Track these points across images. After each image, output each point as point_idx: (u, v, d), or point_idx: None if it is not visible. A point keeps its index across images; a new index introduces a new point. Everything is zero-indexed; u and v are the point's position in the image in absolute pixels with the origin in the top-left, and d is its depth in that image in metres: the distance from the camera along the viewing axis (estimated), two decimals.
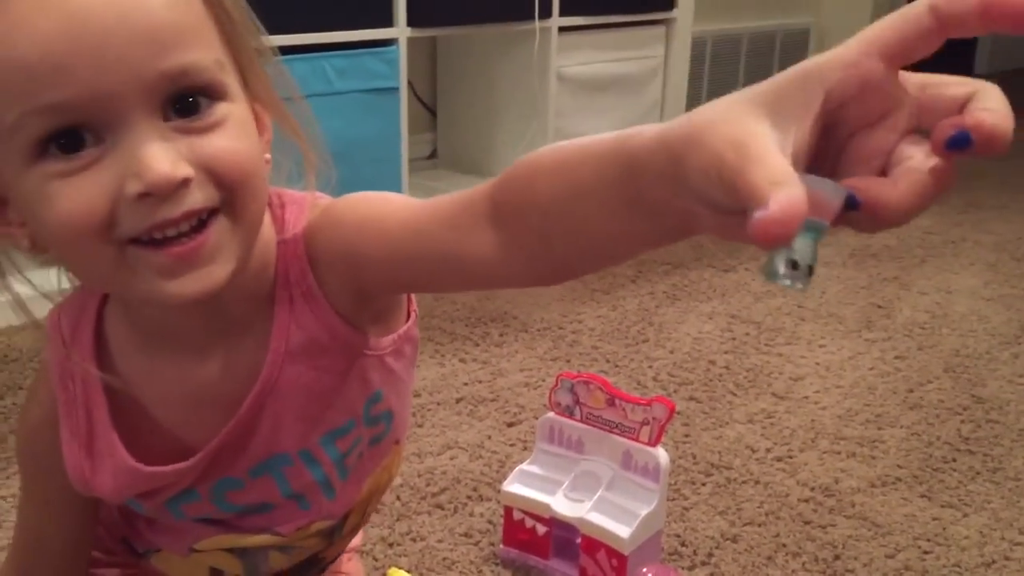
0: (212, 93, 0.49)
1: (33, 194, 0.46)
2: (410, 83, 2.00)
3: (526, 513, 1.04)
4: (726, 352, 1.57)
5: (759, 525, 1.12)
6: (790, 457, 1.27)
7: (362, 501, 0.71)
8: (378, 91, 1.89)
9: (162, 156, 0.45)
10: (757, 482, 1.21)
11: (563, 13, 2.13)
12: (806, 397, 1.43)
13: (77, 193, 0.46)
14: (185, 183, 0.47)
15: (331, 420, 0.63)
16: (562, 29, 2.15)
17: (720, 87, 3.11)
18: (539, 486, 1.05)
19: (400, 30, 1.89)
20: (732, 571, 1.05)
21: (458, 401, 1.40)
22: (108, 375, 0.59)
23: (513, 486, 1.05)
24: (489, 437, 1.31)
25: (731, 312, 1.73)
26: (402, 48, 1.90)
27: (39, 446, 0.64)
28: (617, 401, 1.02)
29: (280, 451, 0.63)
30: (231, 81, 0.50)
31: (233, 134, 0.49)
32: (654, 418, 1.00)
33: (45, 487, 0.66)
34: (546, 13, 2.10)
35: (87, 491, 0.63)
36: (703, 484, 1.21)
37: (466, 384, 1.45)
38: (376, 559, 1.05)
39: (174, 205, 0.47)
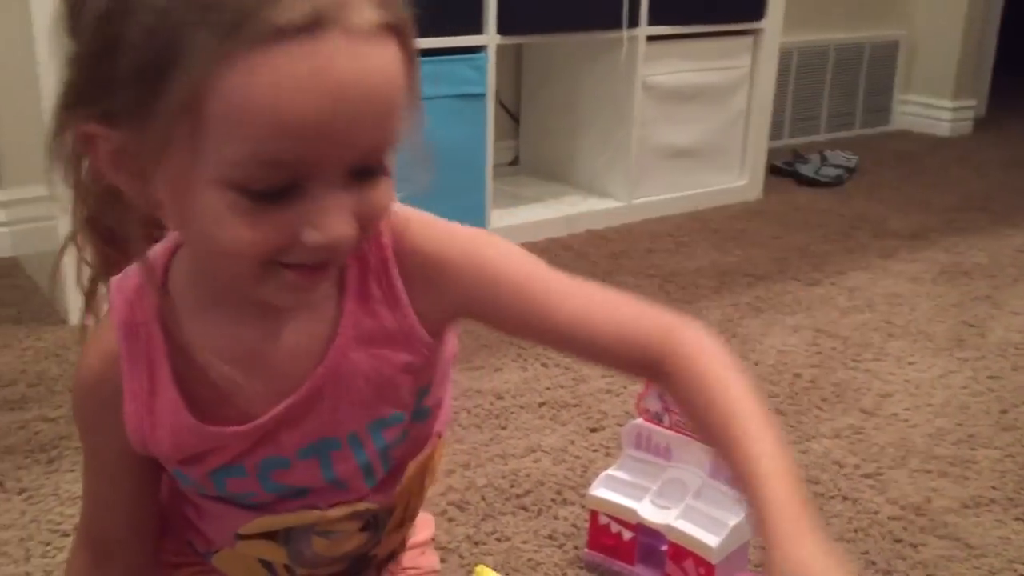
0: (386, 161, 0.54)
1: (208, 209, 0.50)
2: (496, 91, 2.02)
3: (612, 518, 1.05)
4: (812, 366, 1.55)
5: (848, 541, 1.11)
6: (879, 474, 1.25)
7: (403, 492, 0.70)
8: (466, 97, 1.91)
9: (342, 220, 0.51)
10: (845, 498, 1.19)
11: (651, 22, 2.12)
12: (895, 414, 1.40)
13: (253, 228, 0.50)
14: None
15: (383, 409, 0.65)
16: (650, 38, 2.14)
17: (805, 99, 3.07)
18: (626, 491, 1.05)
19: (490, 37, 1.90)
20: None
21: (541, 405, 1.41)
22: (172, 336, 0.61)
23: (599, 490, 1.06)
24: (572, 442, 1.31)
25: (817, 326, 1.71)
26: (491, 55, 1.92)
27: (92, 404, 0.65)
28: None
29: (331, 435, 0.64)
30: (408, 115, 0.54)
31: (387, 190, 0.55)
32: None
33: (100, 448, 0.67)
34: (634, 22, 2.10)
35: (143, 448, 0.64)
36: None
37: (548, 389, 1.45)
38: (462, 556, 1.06)
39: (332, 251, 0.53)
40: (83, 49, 0.51)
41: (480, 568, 0.98)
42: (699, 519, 1.00)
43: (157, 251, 0.63)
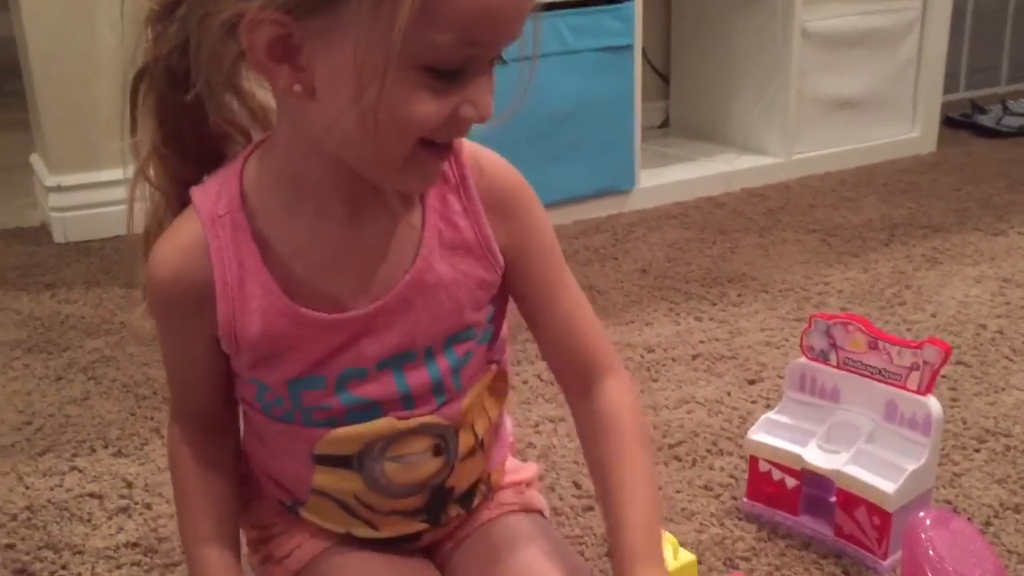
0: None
1: (400, 87, 0.55)
2: (643, 50, 1.94)
3: (774, 464, 0.96)
4: (999, 316, 1.41)
5: None
6: None
7: (467, 413, 0.70)
8: (613, 49, 1.84)
9: (489, 99, 0.58)
10: None
11: None
12: None
13: (434, 104, 0.56)
14: None
15: (459, 324, 0.67)
16: None
17: (984, 46, 2.83)
18: (789, 436, 0.97)
19: None
20: (1016, 542, 0.92)
21: (694, 358, 1.33)
22: (256, 229, 0.63)
23: (759, 435, 0.98)
24: (728, 393, 1.23)
25: (1003, 276, 1.55)
26: (638, 4, 1.84)
27: (172, 298, 0.64)
28: (881, 344, 0.92)
29: (409, 347, 0.65)
30: None
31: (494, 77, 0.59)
32: (925, 362, 0.89)
33: (180, 343, 0.67)
34: None
35: (229, 339, 0.64)
36: (976, 451, 1.08)
37: (702, 342, 1.38)
38: None
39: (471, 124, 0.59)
40: None
41: None
42: (873, 464, 0.90)
43: (231, 161, 0.65)
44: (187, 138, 0.64)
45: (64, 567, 0.94)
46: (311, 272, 0.63)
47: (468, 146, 0.67)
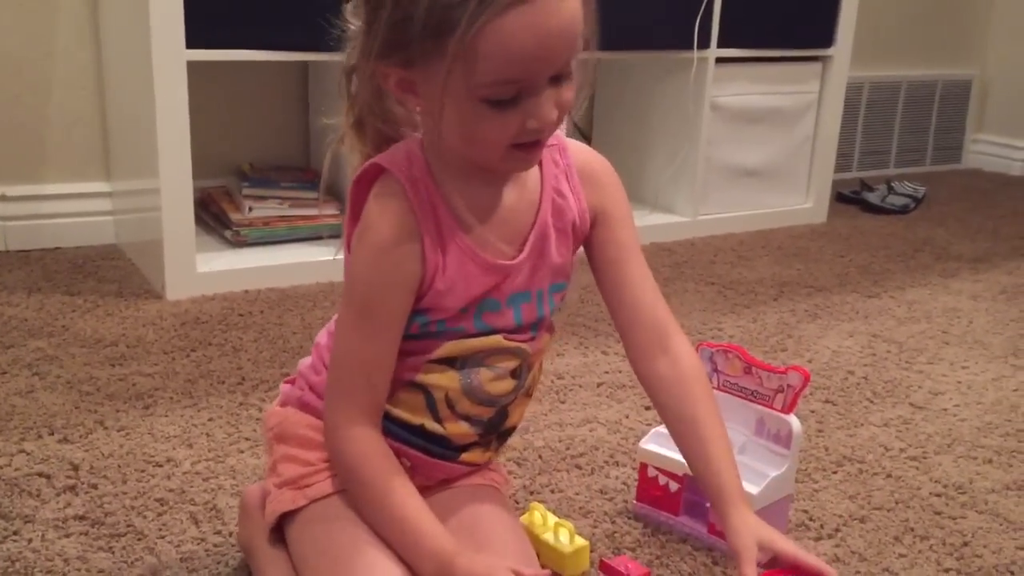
0: (571, 67, 0.77)
1: (469, 115, 0.76)
2: None
3: (660, 471, 1.11)
4: (865, 365, 1.60)
5: (888, 510, 1.15)
6: (924, 458, 1.29)
7: (538, 354, 0.92)
8: None
9: (549, 108, 0.76)
10: (889, 475, 1.24)
11: (721, 45, 2.21)
12: (945, 409, 1.44)
13: (500, 124, 0.76)
14: None
15: (560, 275, 0.89)
16: (719, 60, 2.23)
17: (875, 133, 3.11)
18: (674, 447, 1.11)
19: None
20: (858, 546, 1.08)
21: (599, 385, 1.48)
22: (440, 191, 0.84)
23: (649, 445, 1.12)
24: (627, 416, 1.38)
25: (873, 332, 1.75)
26: None
27: (390, 261, 0.81)
28: (754, 369, 1.08)
29: (529, 288, 0.87)
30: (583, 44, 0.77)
31: (572, 89, 0.78)
32: (789, 385, 1.05)
33: (382, 308, 0.82)
34: (704, 44, 2.19)
35: (428, 288, 0.82)
36: (834, 472, 1.24)
37: (607, 372, 1.53)
38: (517, 502, 1.14)
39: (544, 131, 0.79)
40: (388, 18, 0.74)
41: (534, 504, 1.05)
42: (743, 472, 1.05)
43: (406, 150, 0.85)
44: (367, 128, 0.86)
45: (16, 533, 1.02)
46: (477, 226, 0.84)
47: (571, 143, 0.90)
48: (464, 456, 0.91)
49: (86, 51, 1.96)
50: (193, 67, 1.68)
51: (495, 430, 0.93)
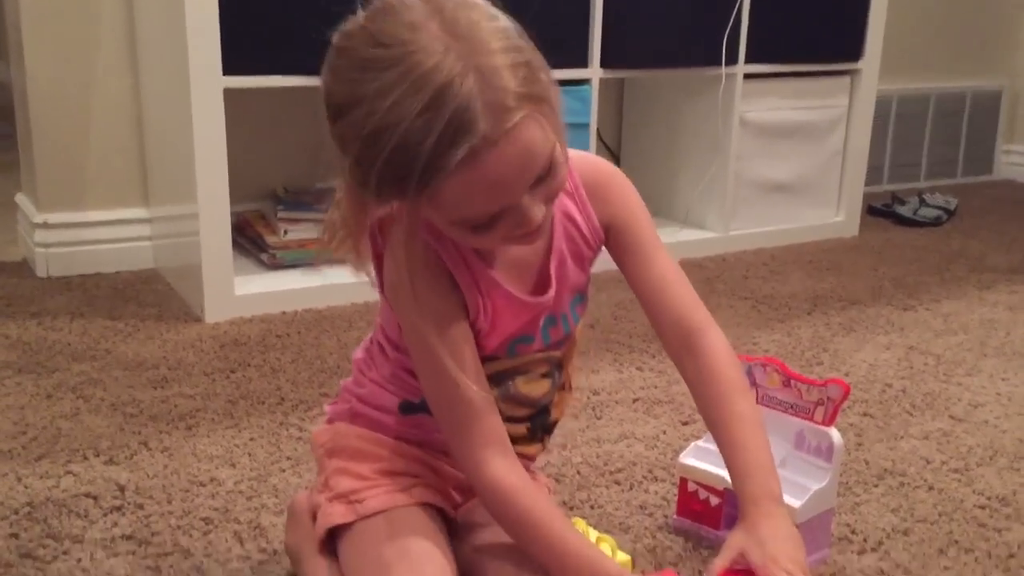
0: (554, 161, 0.75)
1: (451, 230, 0.78)
2: (597, 129, 2.13)
3: (700, 485, 1.11)
4: (903, 378, 1.59)
5: (931, 523, 1.14)
6: (967, 470, 1.28)
7: (567, 356, 0.95)
8: (571, 126, 2.02)
9: (533, 212, 0.75)
10: (931, 488, 1.23)
11: (749, 60, 2.22)
12: (986, 421, 1.43)
13: (487, 237, 0.77)
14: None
15: (578, 289, 0.92)
16: (748, 76, 2.24)
17: (905, 146, 3.10)
18: (714, 460, 1.11)
19: (594, 70, 2.03)
20: (903, 559, 1.07)
21: (635, 401, 1.48)
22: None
23: (689, 459, 1.13)
24: (664, 432, 1.38)
25: (909, 344, 1.74)
26: (594, 87, 2.04)
27: (440, 288, 0.84)
28: (793, 382, 1.08)
29: (555, 312, 0.90)
30: (557, 137, 0.75)
31: (561, 171, 0.77)
32: (829, 398, 1.05)
33: (453, 337, 0.84)
34: (733, 60, 2.20)
35: (473, 318, 0.85)
36: (875, 486, 1.24)
37: (643, 388, 1.53)
38: None
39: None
40: (352, 165, 0.74)
41: (575, 520, 1.05)
42: (784, 486, 1.05)
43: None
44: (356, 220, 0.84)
45: (66, 552, 1.04)
46: (503, 265, 0.86)
47: (576, 156, 0.86)
48: (515, 449, 0.92)
49: (124, 80, 2.00)
50: (227, 92, 1.72)
51: (541, 425, 0.97)
